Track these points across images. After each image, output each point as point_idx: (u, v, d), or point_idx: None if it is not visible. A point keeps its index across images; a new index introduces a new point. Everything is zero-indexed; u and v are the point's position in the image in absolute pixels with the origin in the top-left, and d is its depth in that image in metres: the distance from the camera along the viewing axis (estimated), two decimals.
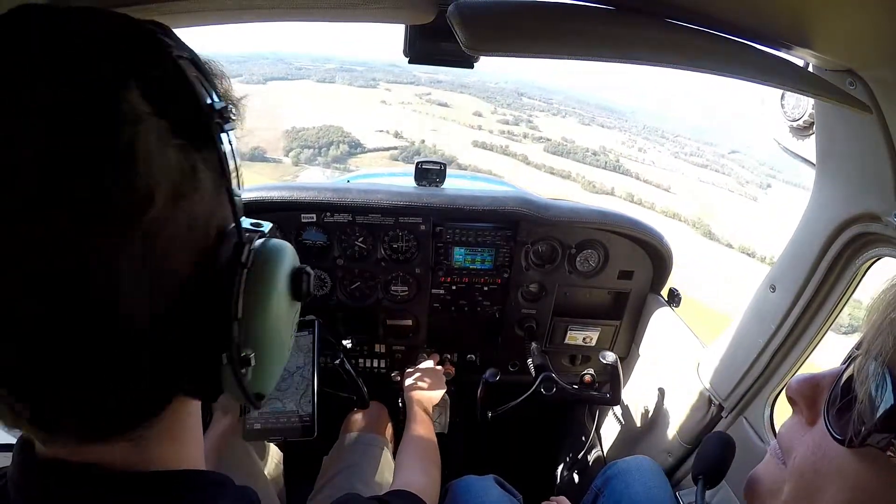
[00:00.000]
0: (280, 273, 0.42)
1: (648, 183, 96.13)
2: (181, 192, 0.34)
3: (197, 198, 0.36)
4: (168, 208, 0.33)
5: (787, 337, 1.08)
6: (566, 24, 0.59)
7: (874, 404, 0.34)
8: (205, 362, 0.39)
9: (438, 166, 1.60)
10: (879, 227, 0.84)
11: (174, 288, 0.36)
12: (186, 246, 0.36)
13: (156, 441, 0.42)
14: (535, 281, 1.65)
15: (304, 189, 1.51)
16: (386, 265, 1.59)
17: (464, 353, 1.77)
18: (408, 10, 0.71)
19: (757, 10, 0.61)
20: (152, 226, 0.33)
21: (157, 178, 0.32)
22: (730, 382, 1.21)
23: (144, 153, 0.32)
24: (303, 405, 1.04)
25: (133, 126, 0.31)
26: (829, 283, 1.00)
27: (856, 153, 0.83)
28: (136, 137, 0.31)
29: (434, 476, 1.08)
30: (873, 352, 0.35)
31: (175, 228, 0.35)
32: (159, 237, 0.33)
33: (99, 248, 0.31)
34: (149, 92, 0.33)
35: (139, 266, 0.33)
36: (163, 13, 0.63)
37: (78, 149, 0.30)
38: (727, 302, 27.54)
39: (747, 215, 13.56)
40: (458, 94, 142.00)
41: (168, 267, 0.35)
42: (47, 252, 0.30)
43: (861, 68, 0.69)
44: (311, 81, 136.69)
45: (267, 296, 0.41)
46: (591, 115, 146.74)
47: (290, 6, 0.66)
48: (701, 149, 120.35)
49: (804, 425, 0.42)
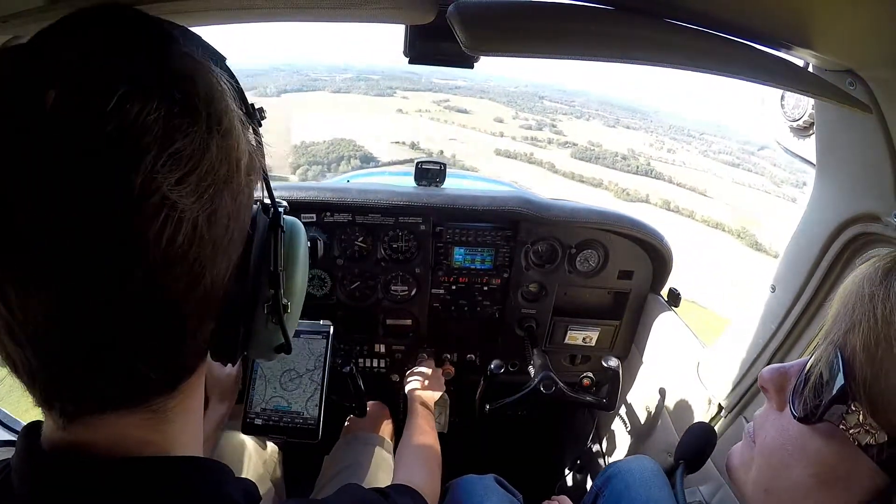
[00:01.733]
0: (302, 238, 0.52)
1: (683, 186, 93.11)
2: (252, 167, 0.41)
3: (258, 172, 0.43)
4: (245, 177, 0.40)
5: (787, 337, 1.08)
6: (566, 24, 0.58)
7: (827, 382, 0.38)
8: (247, 313, 0.45)
9: (438, 166, 1.60)
10: (879, 228, 0.84)
11: (239, 244, 0.42)
12: (248, 211, 0.43)
13: (172, 416, 0.42)
14: (535, 281, 1.65)
15: (304, 189, 1.51)
16: (386, 265, 1.59)
17: (464, 353, 1.77)
18: (407, 10, 0.71)
19: (757, 11, 0.61)
20: (237, 191, 0.39)
21: (242, 153, 0.39)
22: (730, 382, 1.21)
23: (237, 132, 0.38)
24: (309, 408, 1.03)
25: (231, 112, 0.38)
26: (829, 283, 1.00)
27: (856, 153, 0.83)
28: (232, 120, 0.38)
29: (435, 472, 1.08)
30: (829, 337, 0.39)
31: (247, 195, 0.42)
32: (237, 201, 0.39)
33: (206, 207, 0.35)
34: (230, 84, 0.40)
35: (227, 224, 0.38)
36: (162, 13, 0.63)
37: (194, 127, 0.34)
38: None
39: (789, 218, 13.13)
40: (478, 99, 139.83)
41: (239, 226, 0.41)
42: (161, 206, 0.33)
43: (861, 68, 0.69)
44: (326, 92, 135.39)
45: (296, 255, 0.50)
46: (615, 116, 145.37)
47: (290, 6, 0.66)
48: (729, 146, 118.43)
49: (774, 411, 0.47)
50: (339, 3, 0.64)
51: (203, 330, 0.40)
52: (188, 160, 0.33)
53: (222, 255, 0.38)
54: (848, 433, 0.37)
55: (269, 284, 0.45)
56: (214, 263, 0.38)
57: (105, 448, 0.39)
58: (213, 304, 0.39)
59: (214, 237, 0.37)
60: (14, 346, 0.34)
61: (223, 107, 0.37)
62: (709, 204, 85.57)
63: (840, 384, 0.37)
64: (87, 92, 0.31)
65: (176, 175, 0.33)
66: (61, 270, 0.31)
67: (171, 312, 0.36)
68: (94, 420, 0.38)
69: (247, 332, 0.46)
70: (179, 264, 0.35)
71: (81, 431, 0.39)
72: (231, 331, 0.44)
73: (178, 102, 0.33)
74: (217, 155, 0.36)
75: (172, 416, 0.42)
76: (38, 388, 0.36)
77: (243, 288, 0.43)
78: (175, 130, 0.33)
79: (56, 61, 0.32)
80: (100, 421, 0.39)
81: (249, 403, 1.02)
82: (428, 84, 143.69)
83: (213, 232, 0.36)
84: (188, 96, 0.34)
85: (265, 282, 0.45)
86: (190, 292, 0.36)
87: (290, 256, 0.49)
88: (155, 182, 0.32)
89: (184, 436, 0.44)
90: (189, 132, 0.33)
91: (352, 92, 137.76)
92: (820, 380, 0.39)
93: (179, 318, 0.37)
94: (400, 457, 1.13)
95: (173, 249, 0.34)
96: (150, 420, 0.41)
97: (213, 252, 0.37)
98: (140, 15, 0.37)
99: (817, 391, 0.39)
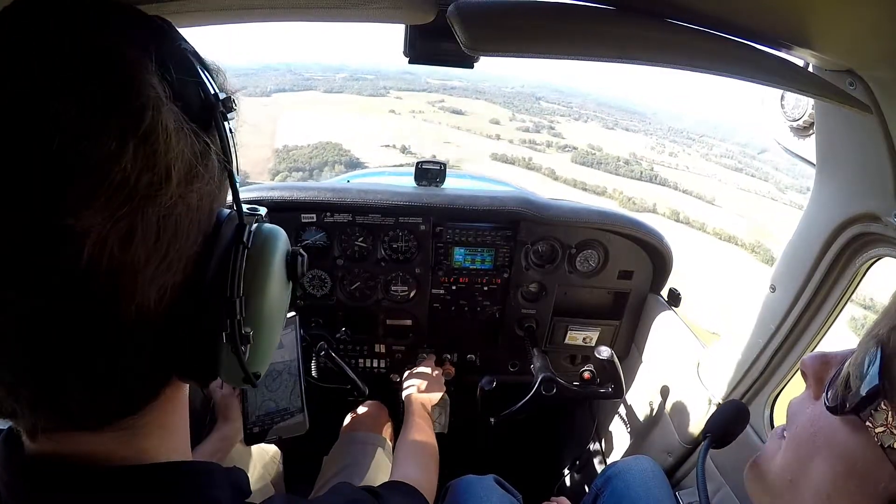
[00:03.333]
0: (277, 253, 0.44)
1: (689, 194, 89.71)
2: (194, 174, 0.36)
3: (206, 180, 0.37)
4: (181, 188, 0.34)
5: (787, 337, 1.08)
6: (566, 23, 0.58)
7: (863, 375, 0.37)
8: (204, 342, 0.39)
9: (438, 166, 1.60)
10: (879, 227, 0.84)
11: (180, 267, 0.37)
12: (193, 226, 0.37)
13: (145, 431, 0.41)
14: (535, 281, 1.65)
15: (304, 189, 1.51)
16: (386, 265, 1.59)
17: (464, 354, 1.77)
18: (407, 9, 0.71)
19: (757, 10, 0.61)
20: (167, 204, 0.33)
21: (175, 159, 0.33)
22: (730, 383, 1.21)
23: (165, 135, 0.33)
24: (293, 401, 1.05)
25: (156, 109, 0.32)
26: (829, 283, 1.00)
27: (856, 153, 0.83)
28: (157, 119, 0.32)
29: (431, 469, 1.08)
30: (874, 330, 0.38)
31: (185, 209, 0.36)
32: (172, 216, 0.34)
33: (118, 227, 0.31)
34: (165, 78, 0.34)
35: (152, 245, 0.33)
36: (163, 13, 0.63)
37: (104, 127, 0.30)
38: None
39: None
40: (474, 100, 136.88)
41: (176, 246, 0.36)
42: (60, 230, 0.29)
43: (861, 68, 0.69)
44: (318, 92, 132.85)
45: (266, 275, 0.42)
46: (614, 118, 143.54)
47: (289, 6, 0.66)
48: (730, 149, 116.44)
49: (811, 399, 0.45)
50: (338, 3, 0.63)
51: (144, 355, 0.37)
52: (93, 170, 0.29)
53: (149, 280, 0.34)
54: (873, 431, 0.36)
55: (224, 312, 0.39)
56: (136, 290, 0.33)
57: (74, 458, 0.38)
58: (149, 330, 0.36)
59: (132, 261, 0.32)
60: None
61: (145, 103, 0.32)
62: (718, 214, 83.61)
63: (873, 380, 0.36)
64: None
65: (79, 189, 0.29)
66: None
67: (96, 340, 0.33)
68: (60, 437, 0.38)
69: (209, 359, 0.40)
70: (91, 293, 0.31)
71: (49, 445, 0.38)
72: (188, 357, 0.40)
73: (88, 98, 0.29)
74: (135, 164, 0.31)
75: (147, 432, 0.41)
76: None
77: (191, 314, 0.38)
78: (81, 136, 0.29)
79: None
80: (66, 437, 0.38)
81: (246, 416, 1.03)
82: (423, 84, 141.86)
83: (131, 255, 0.32)
84: (101, 92, 0.30)
85: (219, 308, 0.39)
86: (112, 321, 0.33)
87: (256, 278, 0.41)
88: (51, 200, 0.28)
89: (162, 448, 0.43)
90: (97, 138, 0.29)
91: (345, 91, 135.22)
92: (856, 371, 0.38)
93: (107, 345, 0.34)
94: (397, 455, 1.13)
95: (87, 275, 0.30)
96: (120, 437, 0.40)
97: (131, 278, 0.33)
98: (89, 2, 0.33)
99: (851, 383, 0.38)
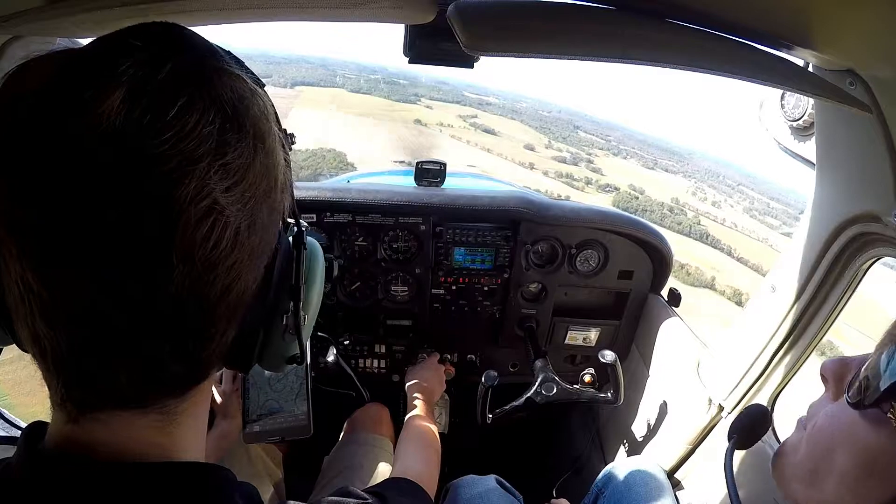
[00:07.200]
0: (321, 258, 0.55)
1: (744, 263, 77.48)
2: (285, 186, 0.44)
3: (286, 192, 0.45)
4: (280, 194, 0.43)
5: (787, 337, 1.08)
6: (566, 23, 0.59)
7: (884, 372, 0.39)
8: (269, 324, 0.46)
9: (438, 166, 1.60)
10: (879, 227, 0.84)
11: (266, 257, 0.44)
12: (276, 225, 0.45)
13: (180, 420, 0.43)
14: (535, 281, 1.65)
15: (303, 189, 1.51)
16: (386, 265, 1.59)
17: (464, 354, 1.77)
18: (407, 9, 0.71)
19: (757, 10, 0.61)
20: (272, 206, 0.42)
21: (280, 172, 0.42)
22: (730, 382, 1.21)
23: (277, 152, 0.42)
24: (298, 404, 1.04)
25: (272, 135, 0.41)
26: (829, 283, 1.00)
27: (856, 153, 0.83)
28: (274, 139, 0.41)
29: (433, 462, 1.09)
30: (894, 332, 0.40)
31: (278, 212, 0.44)
32: (273, 213, 0.42)
33: (246, 212, 0.38)
34: (271, 109, 0.43)
35: (261, 235, 0.41)
36: (162, 13, 0.63)
37: (242, 142, 0.37)
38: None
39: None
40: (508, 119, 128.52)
41: (268, 239, 0.43)
42: (209, 208, 0.35)
43: (861, 68, 0.69)
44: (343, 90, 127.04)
45: (315, 272, 0.53)
46: (653, 156, 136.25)
47: (290, 5, 0.66)
48: (773, 207, 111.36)
49: (829, 400, 0.48)
50: (339, 2, 0.64)
51: (227, 334, 0.42)
52: (235, 172, 0.36)
53: (255, 263, 0.41)
54: (894, 425, 0.38)
55: (289, 297, 0.47)
56: (249, 270, 0.40)
57: (111, 447, 0.39)
58: (239, 310, 0.42)
59: (252, 245, 0.39)
60: (47, 329, 0.35)
61: (267, 128, 0.40)
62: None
63: (894, 374, 0.37)
64: (149, 100, 0.33)
65: (225, 184, 0.36)
66: (113, 259, 0.33)
67: (204, 313, 0.38)
68: (105, 416, 0.39)
69: (264, 342, 0.47)
70: (219, 267, 0.37)
71: (90, 428, 0.39)
72: (250, 339, 0.46)
73: (230, 119, 0.36)
74: (259, 170, 0.39)
75: (181, 420, 0.43)
76: (60, 375, 0.38)
77: (266, 298, 0.45)
78: (226, 144, 0.36)
79: (117, 69, 0.33)
80: (111, 418, 0.39)
81: (247, 413, 1.03)
82: (457, 96, 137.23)
83: (252, 240, 0.39)
84: (238, 114, 0.37)
85: (286, 295, 0.47)
86: (224, 296, 0.38)
87: (309, 273, 0.51)
88: (207, 188, 0.34)
89: (188, 441, 0.45)
90: (238, 147, 0.36)
91: (372, 93, 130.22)
92: (877, 368, 0.40)
93: (210, 319, 0.39)
94: (399, 449, 1.14)
95: (216, 252, 0.36)
96: (160, 422, 0.42)
97: (249, 259, 0.40)
98: (187, 32, 0.39)
99: (872, 379, 0.40)
